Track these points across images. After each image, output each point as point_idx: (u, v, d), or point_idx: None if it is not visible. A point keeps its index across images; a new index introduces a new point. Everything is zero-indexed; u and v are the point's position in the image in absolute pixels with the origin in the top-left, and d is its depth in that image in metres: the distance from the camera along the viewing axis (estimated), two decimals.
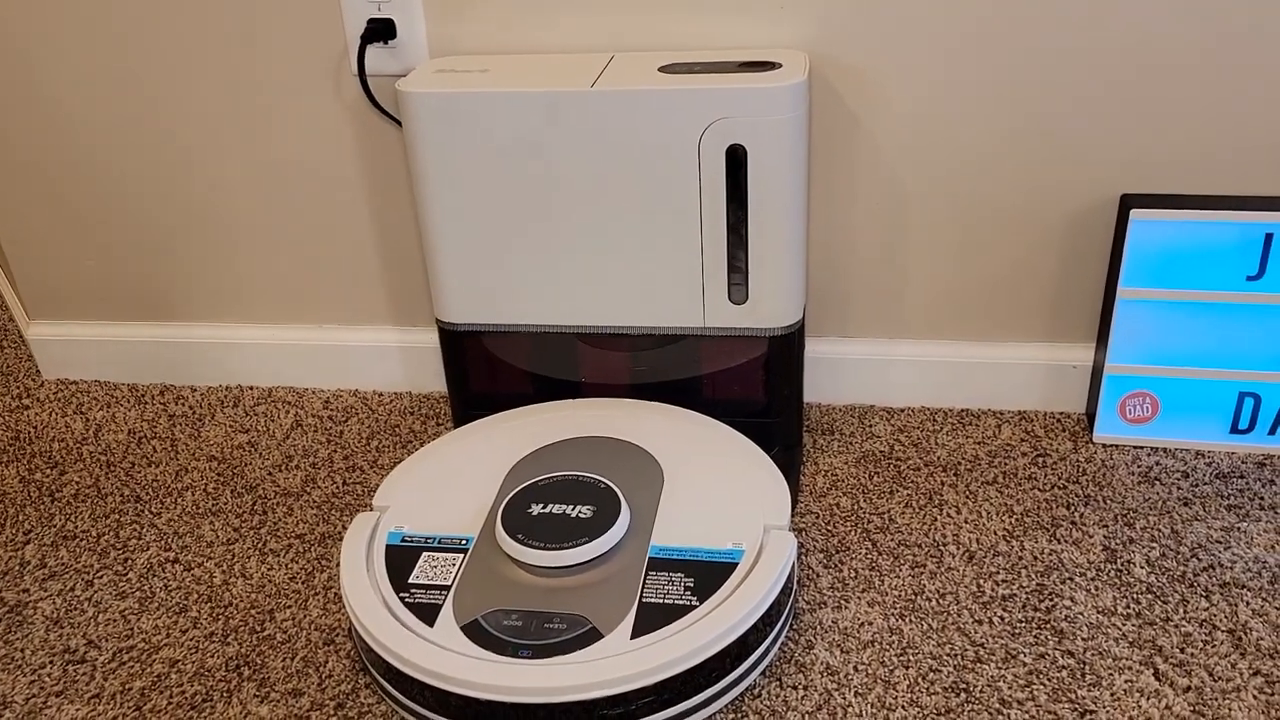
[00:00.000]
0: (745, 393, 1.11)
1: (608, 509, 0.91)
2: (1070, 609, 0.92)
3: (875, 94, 1.06)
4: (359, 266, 1.25)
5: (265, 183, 1.21)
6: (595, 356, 1.12)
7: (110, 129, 1.21)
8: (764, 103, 0.94)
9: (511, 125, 0.98)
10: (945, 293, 1.16)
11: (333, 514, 1.09)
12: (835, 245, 1.15)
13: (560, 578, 0.87)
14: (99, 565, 1.04)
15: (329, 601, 0.98)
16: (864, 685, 0.86)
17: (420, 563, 0.90)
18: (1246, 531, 1.00)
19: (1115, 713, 0.83)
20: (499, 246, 1.04)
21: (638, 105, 0.95)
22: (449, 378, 1.15)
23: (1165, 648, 0.88)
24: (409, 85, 0.99)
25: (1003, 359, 1.17)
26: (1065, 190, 1.08)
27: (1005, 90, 1.04)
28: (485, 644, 0.81)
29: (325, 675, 0.90)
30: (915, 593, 0.95)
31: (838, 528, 1.04)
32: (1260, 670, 0.86)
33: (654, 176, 0.98)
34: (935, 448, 1.14)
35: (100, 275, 1.31)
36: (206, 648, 0.94)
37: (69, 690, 0.90)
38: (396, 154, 1.17)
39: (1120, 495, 1.05)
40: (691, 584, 0.86)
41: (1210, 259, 1.04)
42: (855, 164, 1.10)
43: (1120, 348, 1.09)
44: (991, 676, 0.86)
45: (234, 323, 1.32)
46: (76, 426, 1.27)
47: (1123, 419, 1.12)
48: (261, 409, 1.28)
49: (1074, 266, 1.12)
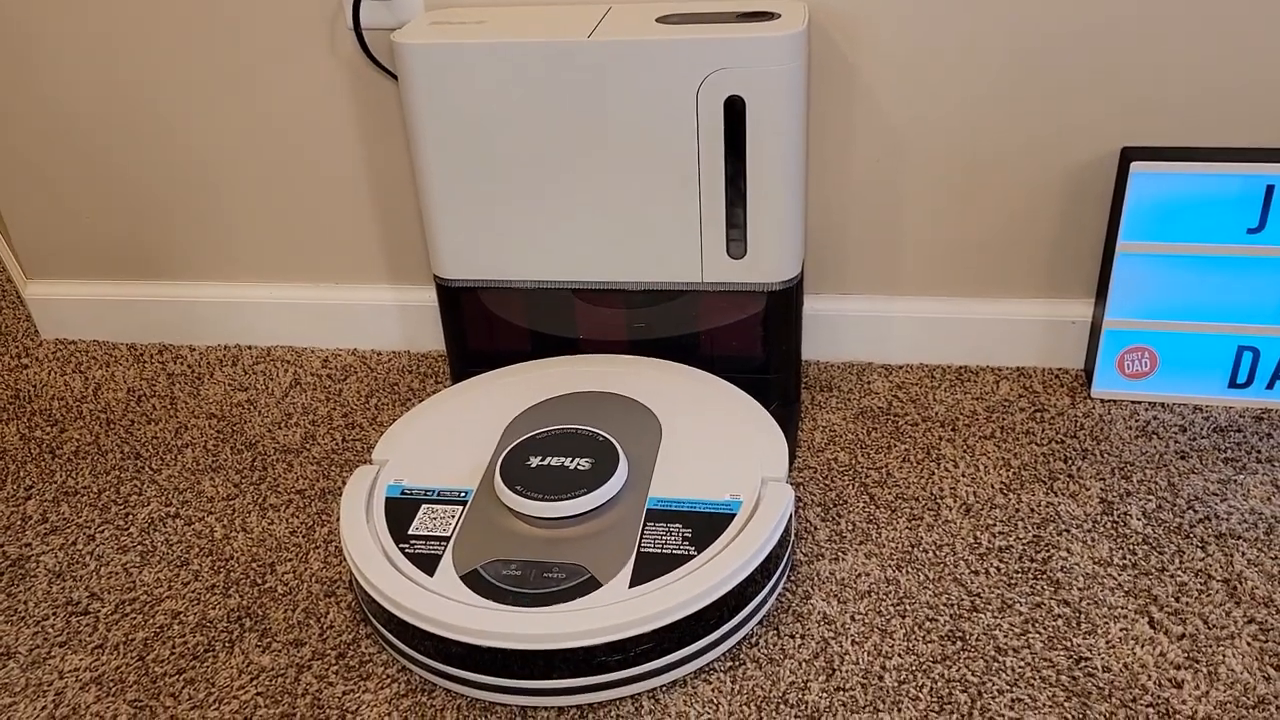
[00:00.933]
0: (743, 348, 1.11)
1: (606, 461, 0.91)
2: (1066, 560, 0.93)
3: (874, 45, 1.05)
4: (356, 224, 1.25)
5: (261, 139, 1.21)
6: (593, 313, 1.12)
7: (105, 86, 1.20)
8: (763, 53, 0.93)
9: (508, 78, 0.97)
10: (944, 248, 1.16)
11: (332, 470, 1.10)
12: (833, 200, 1.14)
13: (559, 528, 0.87)
14: (100, 520, 1.05)
15: (329, 555, 0.99)
16: (860, 634, 0.87)
17: (420, 515, 0.90)
18: (1243, 484, 1.00)
19: (1110, 660, 0.83)
20: (496, 201, 1.04)
21: (635, 56, 0.94)
22: (447, 334, 1.15)
23: (1160, 597, 0.89)
24: (404, 37, 0.98)
25: (1001, 315, 1.17)
26: (1065, 143, 1.08)
27: (1005, 42, 1.03)
28: (485, 593, 0.82)
29: (326, 626, 0.91)
30: (912, 544, 0.96)
31: (835, 482, 1.04)
32: (1254, 618, 0.86)
33: (651, 129, 0.97)
34: (933, 404, 1.14)
35: (97, 234, 1.31)
36: (208, 600, 0.94)
37: (72, 640, 0.91)
38: (393, 108, 1.16)
39: (1118, 449, 1.06)
40: (689, 534, 0.86)
41: (1211, 211, 1.03)
42: (853, 117, 1.09)
43: (1119, 302, 1.09)
44: (987, 625, 0.87)
45: (232, 282, 1.31)
46: (76, 385, 1.27)
47: (1121, 374, 1.12)
48: (260, 368, 1.28)
49: (1073, 220, 1.12)
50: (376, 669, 0.86)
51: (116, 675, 0.87)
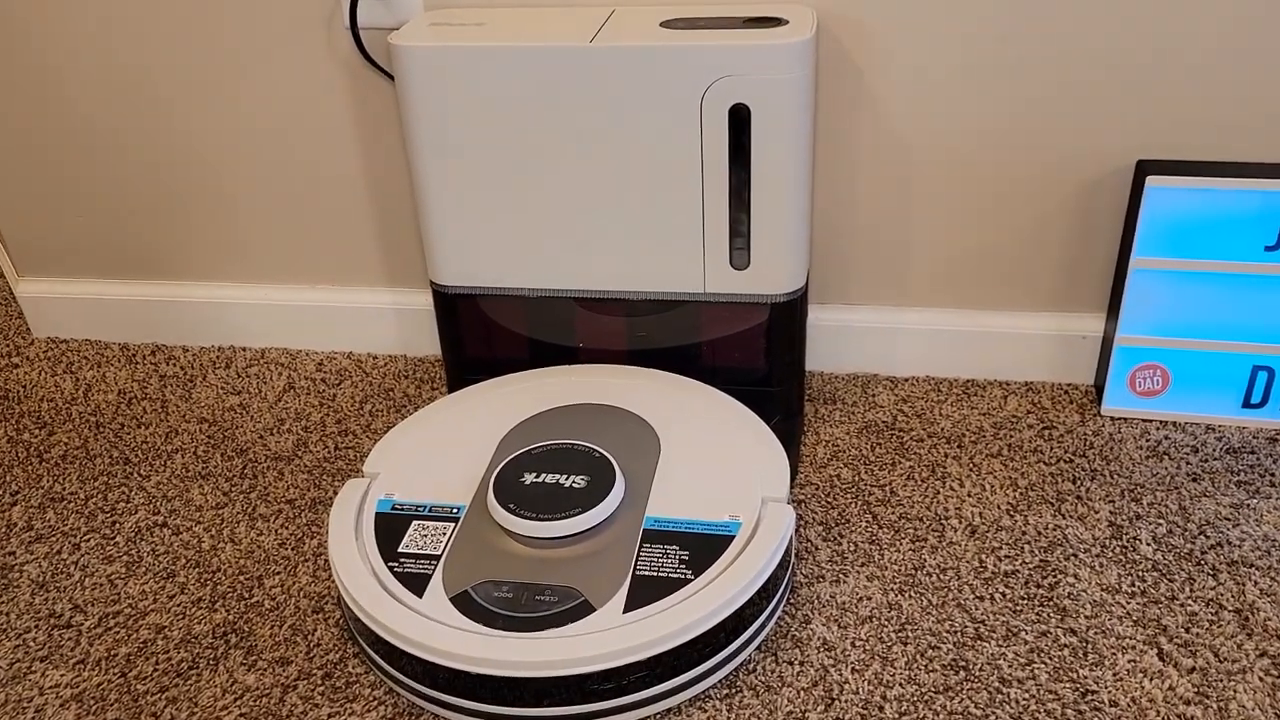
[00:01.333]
0: (746, 360, 1.09)
1: (602, 479, 0.89)
2: (1074, 586, 0.90)
3: (883, 53, 1.03)
4: (353, 226, 1.22)
5: (257, 139, 1.18)
6: (593, 322, 1.09)
7: (100, 84, 1.17)
8: (768, 61, 0.90)
9: (508, 82, 0.94)
10: (952, 260, 1.13)
11: (324, 479, 1.08)
12: (840, 210, 1.12)
13: (552, 549, 0.85)
14: (86, 528, 1.03)
15: (318, 568, 0.96)
16: (861, 661, 0.85)
17: (410, 531, 0.88)
18: (1256, 509, 0.97)
19: (1117, 693, 0.81)
20: (494, 207, 1.01)
21: (638, 62, 0.92)
22: (443, 342, 1.12)
23: (1170, 627, 0.86)
24: (402, 39, 0.96)
25: (1010, 329, 1.15)
26: (1078, 155, 1.05)
27: (1019, 51, 1.00)
28: (475, 616, 0.80)
29: (313, 644, 0.89)
30: (916, 567, 0.93)
31: (838, 500, 1.01)
32: (1267, 651, 0.84)
33: (654, 137, 0.95)
34: (939, 418, 1.12)
35: (91, 232, 1.29)
36: (193, 614, 0.92)
37: (54, 655, 0.89)
38: (390, 110, 1.13)
39: (1128, 470, 1.03)
40: (686, 557, 0.84)
41: (1227, 228, 1.00)
42: (861, 126, 1.07)
43: (1132, 319, 1.06)
44: (991, 654, 0.85)
45: (227, 282, 1.29)
46: (66, 386, 1.25)
47: (1132, 391, 1.09)
48: (254, 370, 1.26)
49: (1086, 234, 1.09)
50: (363, 690, 0.84)
51: (98, 693, 0.85)
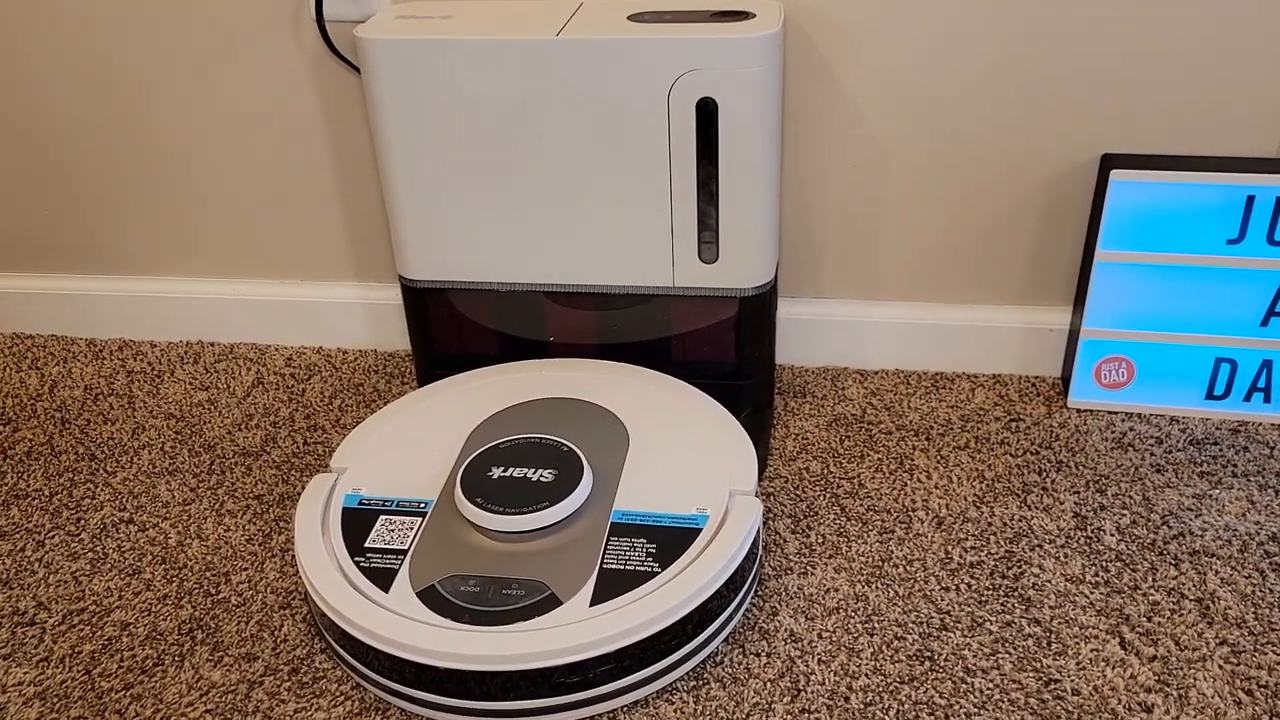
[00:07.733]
0: (715, 354, 1.09)
1: (570, 473, 0.89)
2: (1038, 576, 0.91)
3: (851, 47, 1.03)
4: (321, 220, 1.21)
5: (222, 133, 1.17)
6: (562, 316, 1.09)
7: (66, 79, 1.16)
8: (735, 54, 0.90)
9: (474, 75, 0.94)
10: (921, 254, 1.14)
11: (292, 474, 1.07)
12: (809, 204, 1.12)
13: (519, 543, 0.85)
14: (50, 525, 1.02)
15: (285, 564, 0.96)
16: (827, 653, 0.85)
17: (377, 526, 0.88)
18: (1218, 499, 0.99)
19: (1080, 682, 0.82)
20: (462, 201, 1.01)
21: (604, 55, 0.92)
22: (412, 336, 1.12)
23: (1132, 616, 0.87)
24: (368, 32, 0.95)
25: (978, 322, 1.15)
26: (1045, 150, 1.06)
27: (986, 46, 1.01)
28: (441, 610, 0.80)
29: (280, 640, 0.88)
30: (883, 559, 0.94)
31: (807, 492, 1.02)
32: (1226, 640, 0.85)
33: (622, 130, 0.95)
34: (908, 411, 1.12)
35: (56, 226, 1.27)
36: (159, 610, 0.92)
37: (17, 653, 0.88)
38: (357, 103, 1.13)
39: (1093, 461, 1.04)
40: (654, 550, 0.84)
41: (1190, 221, 1.01)
42: (831, 119, 1.07)
43: (1097, 311, 1.07)
44: (956, 645, 0.85)
45: (195, 277, 1.28)
46: (31, 382, 1.24)
47: (1098, 384, 1.10)
48: (222, 365, 1.25)
49: (1052, 228, 1.10)
50: (330, 686, 0.84)
51: (62, 690, 0.84)
